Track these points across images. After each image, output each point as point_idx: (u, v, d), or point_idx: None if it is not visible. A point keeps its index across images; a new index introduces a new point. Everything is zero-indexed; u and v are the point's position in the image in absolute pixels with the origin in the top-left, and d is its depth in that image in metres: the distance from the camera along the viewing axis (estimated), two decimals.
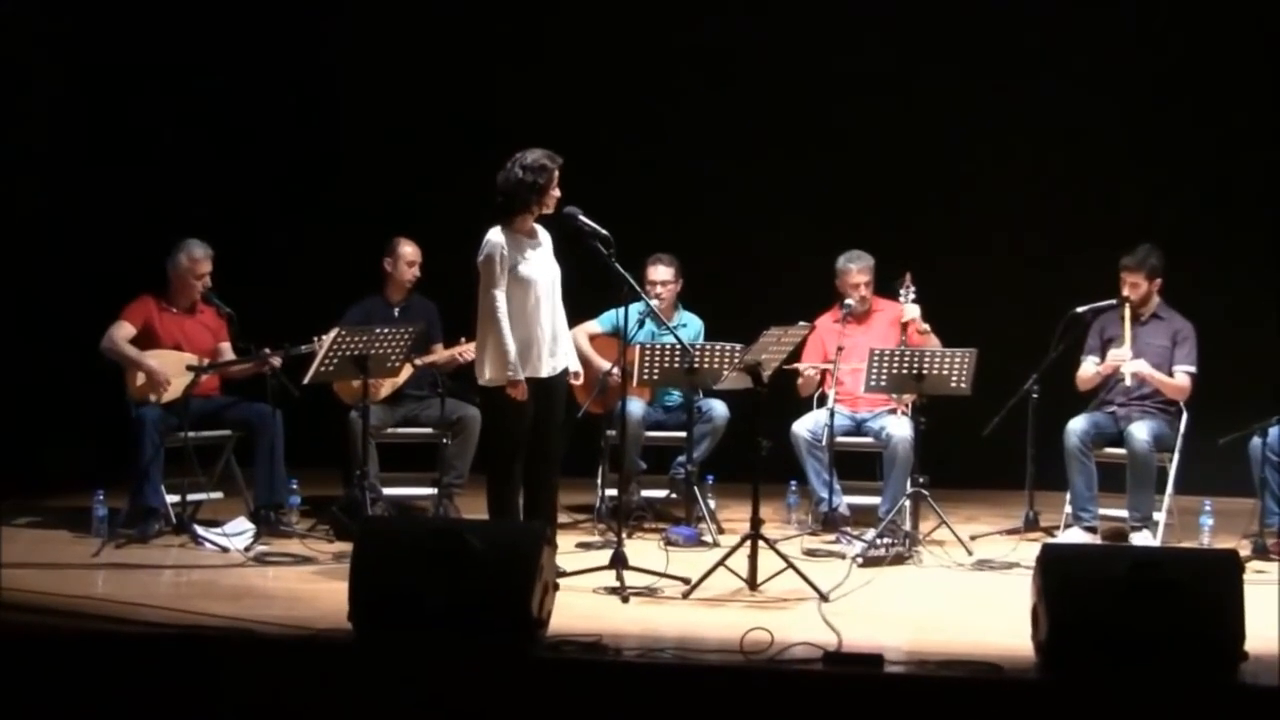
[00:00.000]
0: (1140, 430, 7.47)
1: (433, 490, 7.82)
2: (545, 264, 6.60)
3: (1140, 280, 7.64)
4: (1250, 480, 7.35)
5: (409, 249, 8.05)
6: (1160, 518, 7.50)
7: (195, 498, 7.50)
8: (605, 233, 6.44)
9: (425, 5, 9.66)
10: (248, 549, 7.07)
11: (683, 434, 7.92)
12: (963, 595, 6.60)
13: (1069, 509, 7.63)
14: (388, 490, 7.86)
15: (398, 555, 5.29)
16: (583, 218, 6.49)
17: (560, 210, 6.54)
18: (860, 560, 6.94)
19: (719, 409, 8.05)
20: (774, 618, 5.76)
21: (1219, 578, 5.11)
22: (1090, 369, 7.77)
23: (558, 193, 6.53)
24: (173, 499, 7.39)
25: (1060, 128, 9.24)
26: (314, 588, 6.41)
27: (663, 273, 8.11)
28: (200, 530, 7.25)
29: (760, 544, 6.37)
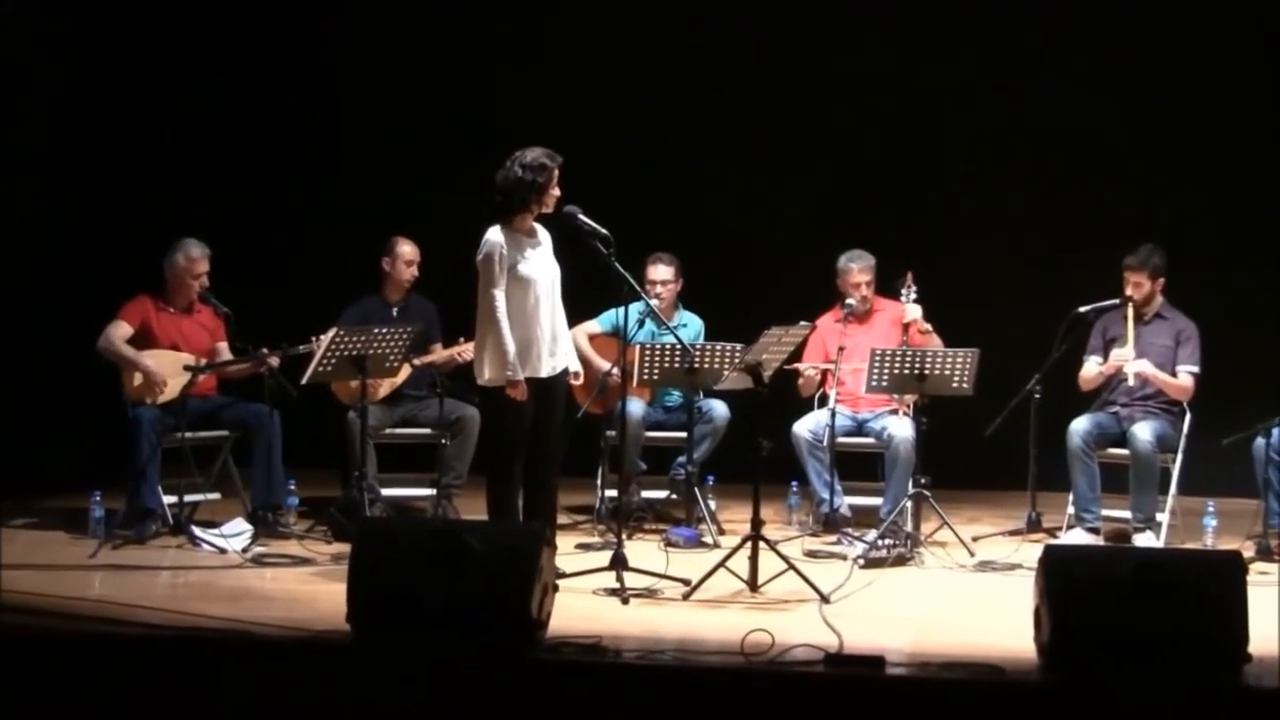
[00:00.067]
0: (1143, 431, 7.47)
1: (431, 491, 7.83)
2: (545, 263, 6.61)
3: (1143, 280, 7.64)
4: (1254, 481, 7.36)
5: (407, 248, 8.06)
6: (1163, 519, 7.51)
7: (192, 499, 7.50)
8: (605, 232, 6.44)
9: (425, 4, 9.66)
10: (245, 550, 7.08)
11: (683, 434, 7.92)
12: (965, 597, 6.61)
13: (1071, 510, 7.64)
14: (386, 491, 7.87)
15: (396, 556, 5.29)
16: (582, 217, 6.50)
17: (560, 209, 6.55)
18: (862, 561, 6.95)
19: (719, 409, 8.05)
20: (775, 619, 5.76)
21: (1222, 579, 5.11)
22: (1093, 369, 7.78)
23: (557, 192, 6.54)
24: (170, 500, 7.39)
25: (1061, 127, 9.23)
26: (312, 589, 6.42)
27: (663, 272, 8.11)
28: (198, 531, 7.26)
29: (761, 545, 6.37)
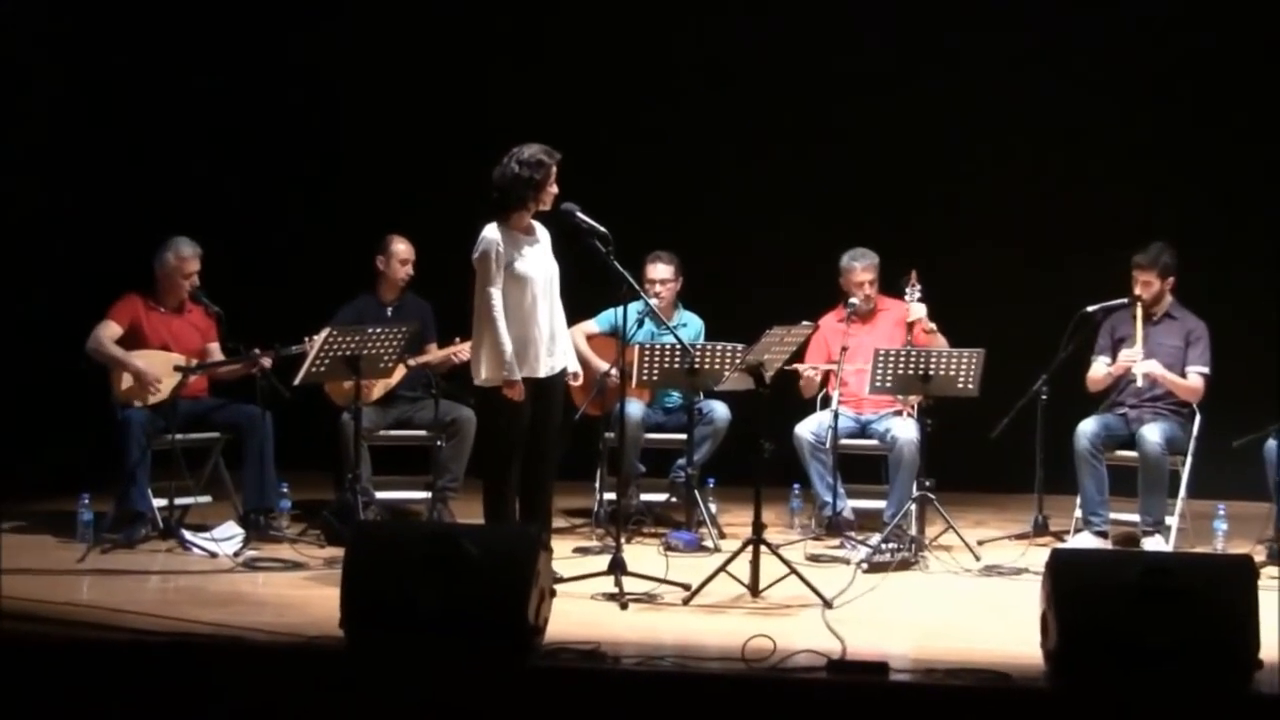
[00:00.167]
0: (1152, 432, 7.46)
1: (426, 494, 7.81)
2: (542, 261, 6.60)
3: (1153, 279, 7.63)
4: (1265, 484, 7.35)
5: (402, 246, 8.04)
6: (1173, 522, 7.50)
7: (183, 502, 7.51)
8: (603, 230, 6.43)
9: (424, 3, 9.65)
10: (237, 554, 7.08)
11: (683, 436, 7.92)
12: (970, 602, 6.60)
13: (1079, 513, 7.63)
14: (380, 494, 7.86)
15: (391, 561, 5.29)
16: (580, 214, 6.49)
17: (557, 207, 6.54)
18: (865, 566, 6.95)
19: (720, 411, 8.05)
20: (776, 625, 5.76)
21: (1233, 584, 5.11)
22: (1101, 369, 7.77)
23: (555, 189, 6.53)
24: (160, 503, 7.38)
25: (1063, 127, 9.23)
26: (305, 594, 6.41)
27: (662, 271, 8.10)
28: (188, 535, 7.26)
29: (762, 549, 6.37)
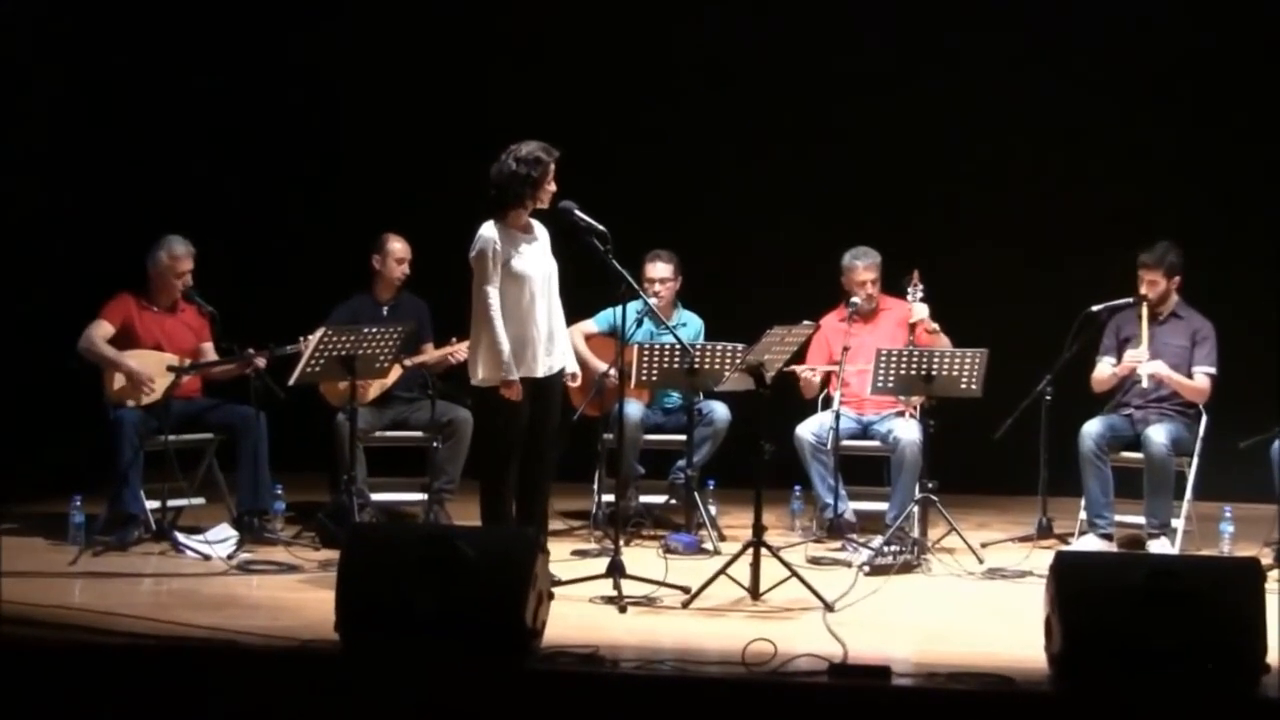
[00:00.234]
0: (1158, 433, 7.45)
1: (423, 496, 7.81)
2: (541, 260, 6.59)
3: (1158, 278, 7.62)
4: (1272, 485, 7.33)
5: (398, 245, 8.04)
6: (1179, 524, 7.49)
7: (176, 503, 7.50)
8: (602, 228, 6.42)
9: (423, 1, 9.64)
10: (230, 557, 7.07)
11: (682, 437, 7.92)
12: (973, 605, 6.60)
13: (1084, 515, 7.63)
14: (376, 496, 7.85)
15: (386, 563, 5.28)
16: (579, 212, 6.48)
17: (555, 204, 6.53)
18: (867, 568, 6.94)
19: (720, 411, 8.04)
20: (777, 628, 5.76)
21: (1239, 587, 5.10)
22: (1106, 370, 7.76)
23: (553, 187, 6.52)
24: (153, 505, 7.38)
25: (1066, 127, 9.24)
26: (299, 597, 6.41)
27: (661, 270, 8.10)
28: (181, 537, 7.25)
29: (763, 551, 6.36)
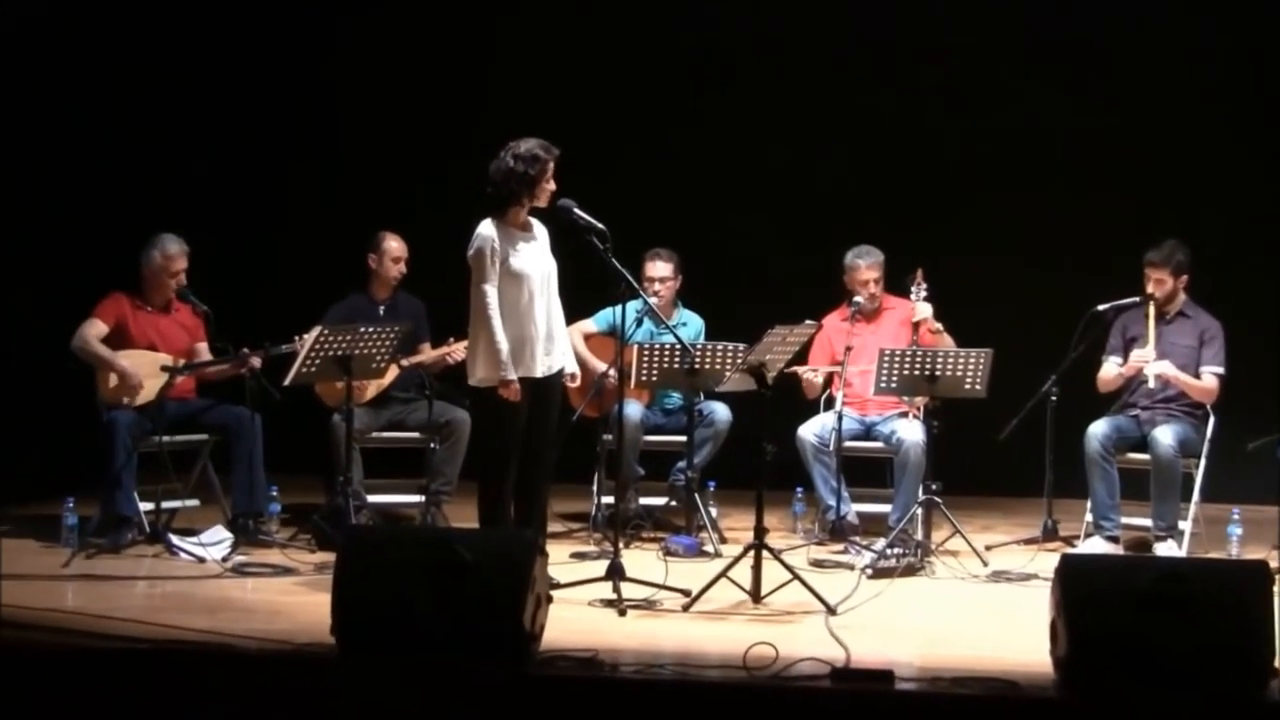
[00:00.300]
0: (1165, 435, 7.45)
1: (420, 497, 7.80)
2: (539, 259, 6.58)
3: (1165, 276, 7.61)
4: None
5: (395, 244, 8.03)
6: (1186, 527, 7.49)
7: (170, 505, 7.50)
8: (601, 226, 6.41)
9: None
10: (225, 559, 7.07)
11: (683, 438, 7.91)
12: (978, 608, 6.60)
13: (1089, 518, 7.63)
14: (372, 498, 7.85)
15: (383, 566, 5.27)
16: (578, 210, 6.47)
17: (554, 202, 6.52)
18: (870, 571, 6.93)
19: (721, 412, 8.04)
20: (779, 632, 5.75)
21: (1248, 590, 5.09)
22: (1112, 370, 7.75)
23: (552, 186, 6.50)
24: (146, 507, 7.37)
25: (1071, 126, 9.25)
26: (295, 600, 6.40)
27: (661, 269, 8.09)
28: (175, 540, 7.24)
29: (764, 554, 6.36)
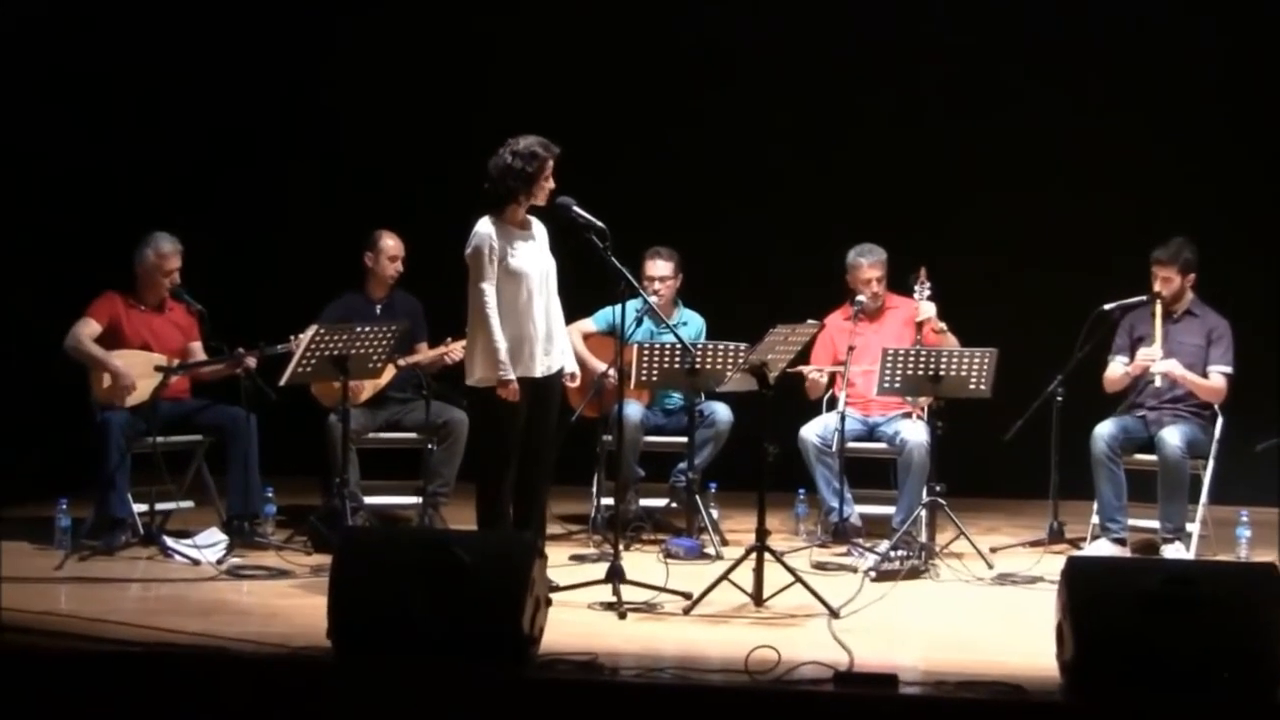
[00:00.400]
0: (1172, 435, 7.45)
1: (417, 499, 7.81)
2: (538, 257, 6.58)
3: (1173, 274, 7.61)
4: None
5: (391, 242, 8.04)
6: (1194, 529, 7.49)
7: (164, 507, 7.50)
8: (600, 224, 6.42)
9: None
10: (220, 561, 7.07)
11: (684, 439, 7.91)
12: (982, 611, 6.60)
13: (1096, 520, 7.62)
14: (369, 499, 7.85)
15: (380, 569, 5.28)
16: (577, 208, 6.48)
17: (553, 200, 6.53)
18: (873, 574, 6.93)
19: (722, 413, 8.04)
20: (781, 635, 5.75)
21: (1257, 593, 5.09)
22: (1118, 369, 7.76)
23: (551, 184, 6.50)
24: (140, 508, 7.38)
25: (1076, 126, 9.26)
26: (291, 603, 6.41)
27: (661, 267, 8.10)
28: (169, 542, 7.24)
29: (766, 556, 6.37)
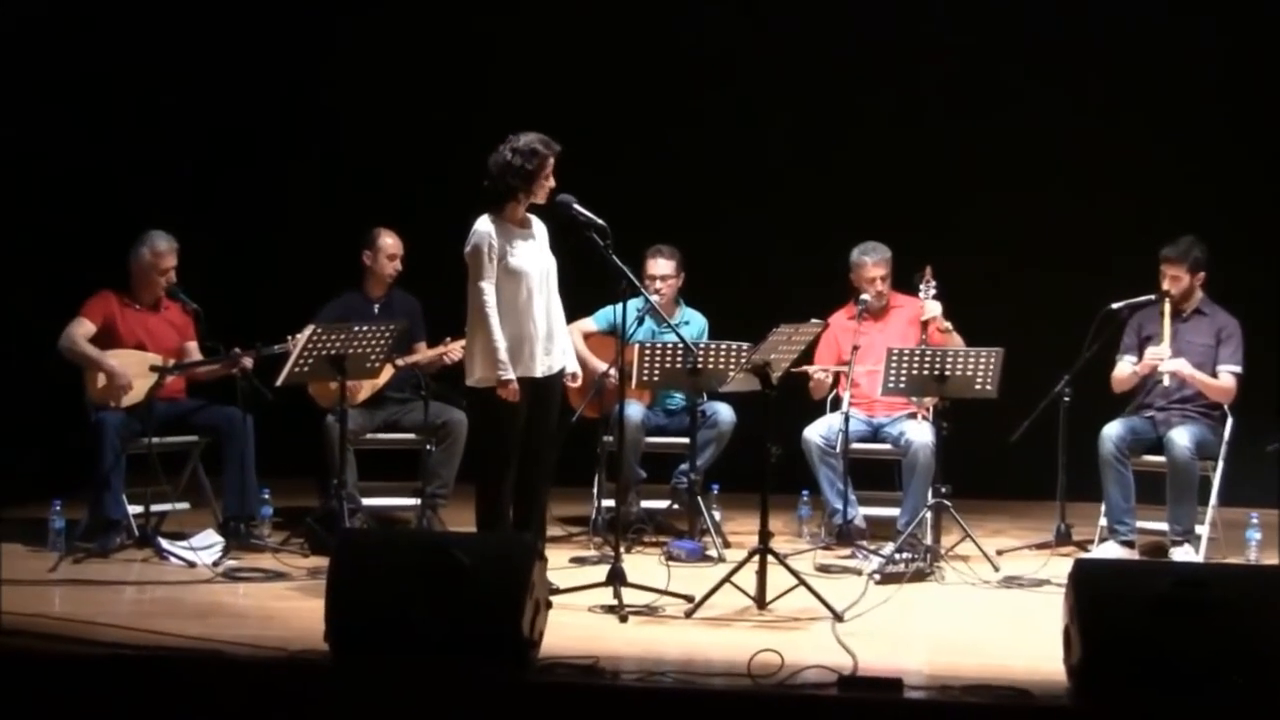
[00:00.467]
0: (1181, 436, 7.43)
1: (415, 501, 7.81)
2: (538, 255, 6.57)
3: (1182, 273, 7.60)
4: None
5: (390, 240, 8.03)
6: (1203, 531, 7.48)
7: (159, 508, 7.50)
8: (601, 222, 6.41)
9: None
10: (216, 564, 7.07)
11: (685, 440, 7.91)
12: (989, 615, 6.59)
13: (1104, 522, 7.62)
14: (367, 501, 7.85)
15: (378, 571, 5.27)
16: (577, 206, 6.47)
17: (553, 198, 6.52)
18: (878, 577, 6.93)
19: (724, 413, 8.03)
20: (784, 639, 5.74)
21: (1267, 596, 5.09)
22: (1126, 369, 7.74)
23: (551, 182, 6.49)
24: (135, 510, 7.38)
25: (1082, 125, 9.26)
26: (287, 606, 6.41)
27: (663, 266, 8.09)
28: (165, 544, 7.24)
29: (769, 559, 6.36)
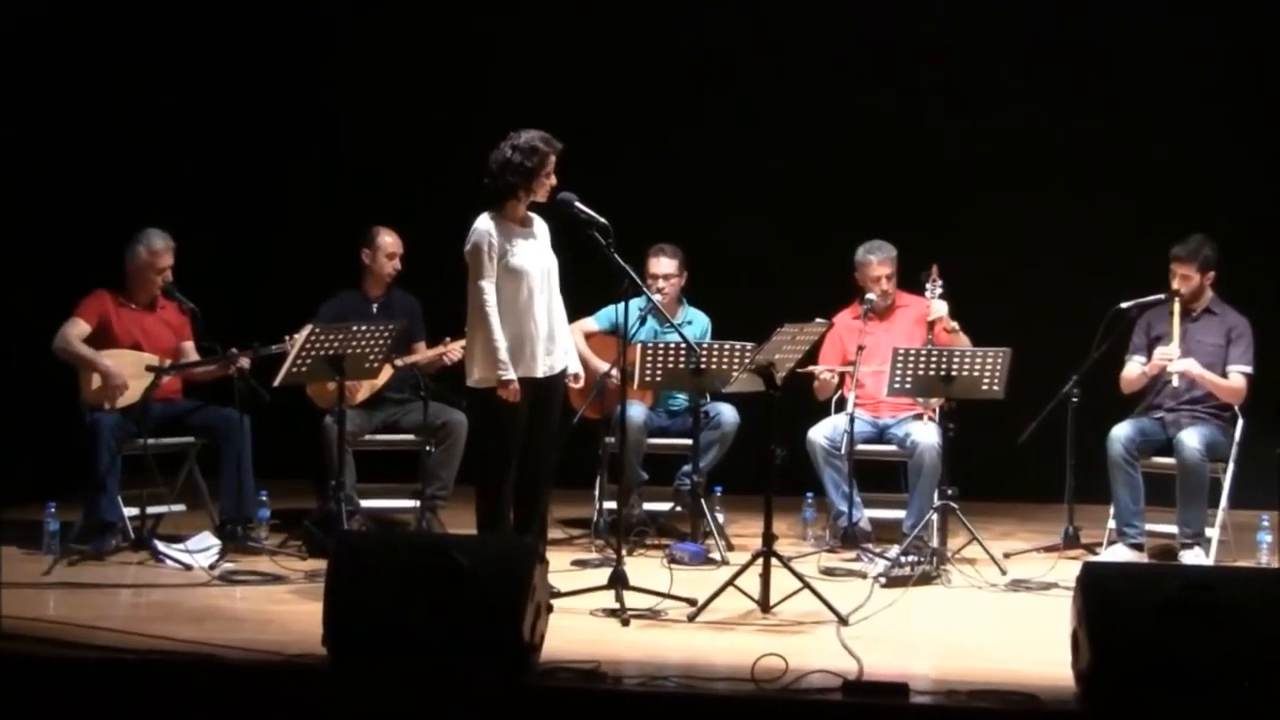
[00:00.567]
0: (1191, 437, 7.43)
1: (415, 502, 7.82)
2: (539, 254, 6.57)
3: (1191, 272, 7.59)
4: None
5: (389, 239, 8.04)
6: (1213, 534, 7.48)
7: (155, 510, 7.51)
8: (603, 221, 6.41)
9: None
10: (213, 567, 7.07)
11: (688, 441, 7.92)
12: (996, 618, 6.59)
13: (1112, 524, 7.62)
14: (365, 502, 7.86)
15: (376, 574, 5.28)
16: (579, 204, 6.47)
17: (554, 196, 6.52)
18: (883, 580, 6.93)
19: (728, 414, 8.04)
20: (788, 643, 5.75)
21: (1277, 600, 5.09)
22: (1135, 369, 7.74)
23: (553, 180, 6.49)
24: (131, 512, 7.38)
25: (1086, 125, 9.26)
26: (285, 609, 6.41)
27: (665, 265, 8.09)
28: (161, 546, 7.25)
29: (773, 562, 6.36)
